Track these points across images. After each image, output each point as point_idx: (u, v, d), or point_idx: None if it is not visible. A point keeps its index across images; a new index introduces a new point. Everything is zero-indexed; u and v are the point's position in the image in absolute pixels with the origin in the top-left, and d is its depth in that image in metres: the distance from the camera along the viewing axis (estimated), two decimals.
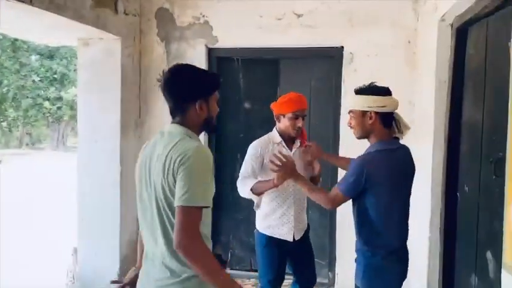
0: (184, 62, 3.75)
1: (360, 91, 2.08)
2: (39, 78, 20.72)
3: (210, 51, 3.80)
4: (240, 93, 3.86)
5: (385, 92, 2.04)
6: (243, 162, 2.54)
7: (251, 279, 3.81)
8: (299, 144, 2.55)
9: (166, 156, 1.49)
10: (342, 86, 3.53)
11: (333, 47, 3.57)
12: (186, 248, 1.43)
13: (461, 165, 2.59)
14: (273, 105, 2.54)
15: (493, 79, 2.20)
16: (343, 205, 3.42)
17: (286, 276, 2.65)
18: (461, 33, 2.56)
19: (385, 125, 2.03)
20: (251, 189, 2.39)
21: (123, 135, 3.60)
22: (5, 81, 20.49)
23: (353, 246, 2.21)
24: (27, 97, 21.24)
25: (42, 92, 21.15)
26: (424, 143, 2.87)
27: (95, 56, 3.53)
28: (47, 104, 21.70)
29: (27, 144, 27.79)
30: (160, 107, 3.83)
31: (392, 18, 3.39)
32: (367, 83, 2.10)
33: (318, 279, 3.80)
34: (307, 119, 3.78)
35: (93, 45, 3.53)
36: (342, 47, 3.52)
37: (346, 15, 3.48)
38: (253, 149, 2.51)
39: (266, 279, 2.54)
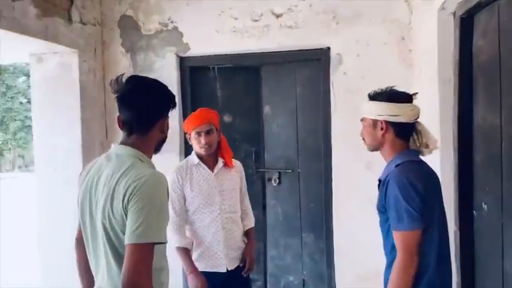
0: (153, 74, 3.40)
1: (372, 96, 1.74)
2: (26, 100, 20.28)
3: (182, 61, 3.39)
4: (218, 105, 3.44)
5: (401, 98, 1.71)
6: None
7: None
8: (222, 164, 2.32)
9: (116, 183, 1.34)
10: (331, 91, 3.12)
11: (318, 49, 3.17)
12: None
13: (476, 179, 2.17)
14: (182, 127, 2.39)
15: (510, 74, 1.80)
16: (342, 223, 3.00)
17: None
18: (467, 22, 2.16)
19: (401, 137, 1.70)
20: (178, 247, 2.25)
21: (87, 160, 3.16)
22: None
23: (354, 271, 1.84)
24: (15, 120, 20.84)
25: (30, 113, 20.72)
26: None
27: (50, 73, 3.11)
28: None
29: (19, 167, 27.29)
30: None
31: (382, 13, 3.00)
32: (358, 87, 1.78)
33: None
34: (293, 130, 3.40)
35: (47, 60, 3.12)
36: (329, 48, 3.12)
37: (329, 12, 3.09)
38: (170, 178, 2.26)
39: None
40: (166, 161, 3.35)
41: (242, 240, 2.37)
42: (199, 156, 2.30)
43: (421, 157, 1.74)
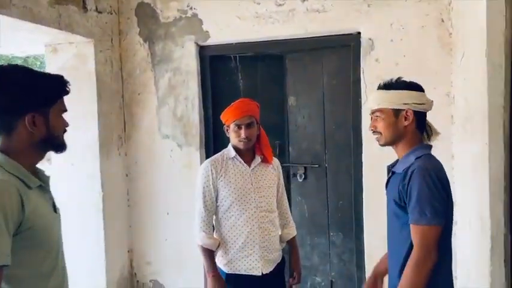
0: (171, 64, 3.24)
1: (390, 85, 1.64)
2: None
3: (201, 50, 3.22)
4: (240, 96, 3.24)
5: (419, 87, 1.66)
6: (196, 191, 2.16)
7: None
8: (260, 159, 2.17)
9: None
10: (361, 79, 2.89)
11: (348, 34, 2.93)
12: None
13: None
14: (221, 117, 2.21)
15: None
16: (373, 222, 2.82)
17: None
18: None
19: (420, 127, 1.65)
20: (202, 246, 2.13)
21: (104, 155, 3.06)
22: None
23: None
24: None
25: None
26: (474, 146, 2.22)
27: (65, 64, 2.99)
28: None
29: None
30: (149, 117, 3.30)
31: None
32: (392, 75, 1.68)
33: None
34: (320, 123, 3.18)
35: (62, 51, 3.00)
36: (359, 33, 2.88)
37: None
38: (203, 170, 2.14)
39: None
40: (186, 155, 3.25)
41: (279, 243, 2.22)
42: (236, 150, 2.14)
43: None
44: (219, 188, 2.10)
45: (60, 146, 1.34)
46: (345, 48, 3.02)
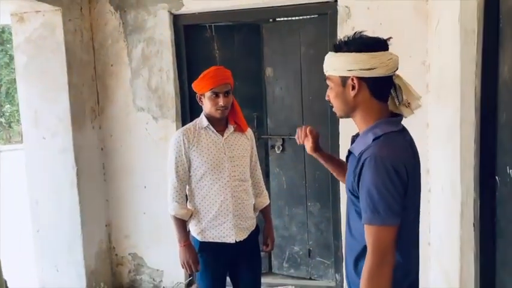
0: (144, 34, 3.15)
1: (340, 47, 1.32)
2: None
3: (175, 19, 3.13)
4: None
5: (376, 45, 1.29)
6: (168, 161, 2.12)
7: None
8: (233, 128, 2.14)
9: None
10: None
11: (324, 2, 2.88)
12: None
13: (500, 141, 1.95)
14: (193, 85, 2.14)
15: None
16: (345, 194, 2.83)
17: None
18: None
19: (378, 96, 1.32)
20: (174, 216, 2.11)
21: (77, 128, 2.98)
22: None
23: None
24: None
25: None
26: (447, 113, 2.23)
27: (33, 34, 2.88)
28: None
29: None
30: (123, 89, 3.22)
31: None
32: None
33: (324, 282, 3.25)
34: (298, 94, 3.16)
35: (29, 20, 2.88)
36: (336, 1, 2.84)
37: None
38: (175, 140, 2.10)
39: None
40: (162, 128, 3.20)
41: (252, 211, 2.21)
42: (209, 119, 2.10)
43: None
44: (192, 158, 2.07)
45: None
46: (322, 17, 2.97)
